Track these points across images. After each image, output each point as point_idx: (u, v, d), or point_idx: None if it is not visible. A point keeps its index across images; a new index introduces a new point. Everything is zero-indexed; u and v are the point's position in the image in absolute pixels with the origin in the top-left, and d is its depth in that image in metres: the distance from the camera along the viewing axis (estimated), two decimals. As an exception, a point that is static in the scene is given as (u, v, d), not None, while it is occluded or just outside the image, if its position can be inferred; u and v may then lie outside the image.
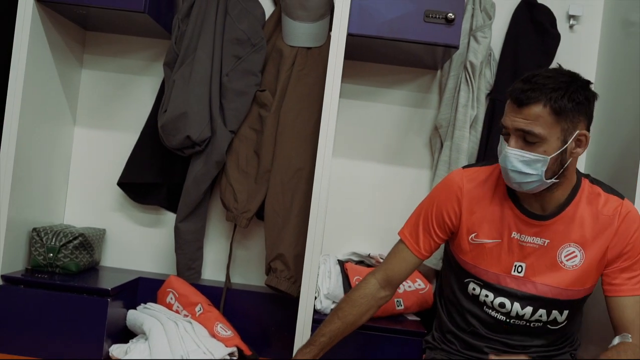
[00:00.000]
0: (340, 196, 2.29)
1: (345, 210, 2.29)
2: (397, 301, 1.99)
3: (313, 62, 2.11)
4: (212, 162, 2.08)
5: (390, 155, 2.30)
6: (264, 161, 2.10)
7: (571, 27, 2.28)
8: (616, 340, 1.47)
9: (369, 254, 2.12)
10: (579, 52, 2.28)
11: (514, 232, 1.52)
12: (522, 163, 1.40)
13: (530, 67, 2.09)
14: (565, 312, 1.56)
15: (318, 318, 1.78)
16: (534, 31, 2.17)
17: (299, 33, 2.12)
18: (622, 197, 1.53)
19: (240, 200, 2.10)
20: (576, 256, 1.50)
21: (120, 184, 2.23)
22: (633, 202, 1.79)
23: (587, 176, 1.56)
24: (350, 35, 1.89)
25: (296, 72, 2.10)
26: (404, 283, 2.01)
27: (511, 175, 1.42)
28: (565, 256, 1.51)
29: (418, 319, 2.02)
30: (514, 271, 1.53)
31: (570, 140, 1.40)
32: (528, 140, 1.38)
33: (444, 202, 1.59)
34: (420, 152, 2.29)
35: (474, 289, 1.59)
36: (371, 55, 2.21)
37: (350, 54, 2.18)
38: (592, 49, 2.28)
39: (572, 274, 1.51)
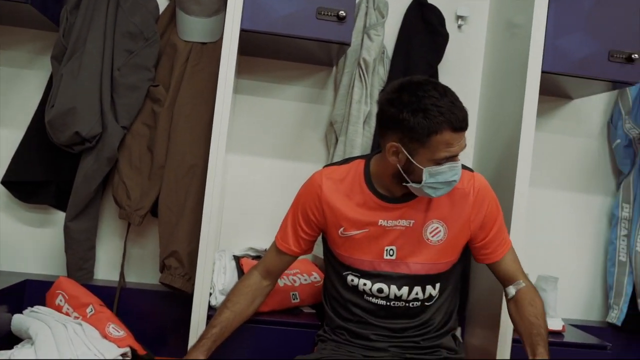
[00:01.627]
0: (238, 192, 2.30)
1: (242, 206, 2.30)
2: (293, 294, 2.02)
3: (208, 57, 2.10)
4: (103, 159, 2.04)
5: (286, 151, 2.33)
6: (158, 157, 2.07)
7: (459, 27, 2.39)
8: (512, 290, 1.65)
9: (265, 249, 2.12)
10: (466, 52, 2.40)
11: (380, 220, 1.60)
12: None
13: (421, 65, 2.23)
14: (438, 285, 1.65)
15: (213, 314, 1.77)
16: (424, 30, 2.26)
17: (194, 28, 2.10)
18: (472, 171, 1.66)
19: (133, 198, 2.07)
20: (440, 231, 1.61)
21: (5, 182, 2.14)
22: (512, 191, 1.92)
23: None
24: (243, 31, 1.90)
25: (190, 67, 2.09)
26: (299, 276, 2.06)
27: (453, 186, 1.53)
28: (430, 232, 1.60)
29: (313, 311, 2.06)
30: (386, 255, 1.61)
31: None
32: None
33: (307, 202, 1.67)
34: (316, 148, 2.33)
35: (352, 280, 1.65)
36: (267, 52, 2.23)
37: (246, 49, 2.20)
38: (479, 48, 2.41)
39: (439, 248, 1.61)
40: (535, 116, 1.93)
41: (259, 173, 2.32)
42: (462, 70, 2.39)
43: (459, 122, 1.44)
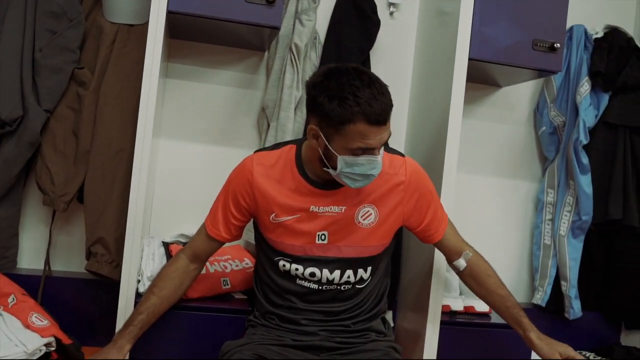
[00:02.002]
0: (168, 178, 2.27)
1: (173, 192, 2.27)
2: (224, 280, 2.01)
3: (135, 40, 2.06)
4: (25, 143, 1.97)
5: (218, 136, 2.31)
6: (83, 142, 2.02)
7: (391, 14, 2.41)
8: (462, 262, 1.76)
9: (196, 236, 2.11)
10: (398, 38, 2.42)
11: (312, 206, 1.61)
12: (381, 164, 1.52)
13: (353, 51, 2.24)
14: (369, 269, 1.68)
15: (141, 301, 1.76)
16: (356, 16, 2.27)
17: (120, 9, 2.06)
18: (403, 156, 1.68)
19: (57, 183, 2.01)
20: (371, 214, 1.62)
21: None
22: (440, 176, 1.96)
23: None
24: (170, 13, 1.86)
25: (117, 49, 2.05)
26: (230, 262, 2.05)
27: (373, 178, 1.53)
28: (361, 216, 1.62)
29: (245, 297, 2.06)
30: (318, 240, 1.62)
31: None
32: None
33: (238, 187, 1.66)
34: (249, 133, 2.32)
35: (284, 265, 1.66)
36: (198, 35, 2.20)
37: (176, 33, 2.17)
38: (410, 35, 2.43)
39: (370, 231, 1.63)
40: (463, 102, 1.97)
41: (191, 158, 2.29)
42: (394, 56, 2.41)
43: (375, 115, 1.41)
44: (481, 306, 2.19)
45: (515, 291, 2.56)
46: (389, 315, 2.09)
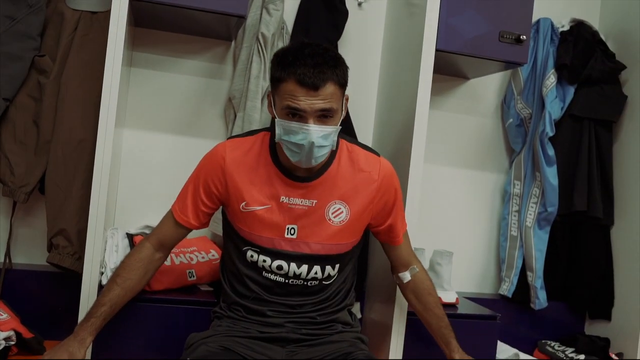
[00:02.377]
0: (133, 168, 2.24)
1: (138, 182, 2.25)
2: (190, 272, 1.99)
3: (99, 27, 2.03)
4: (-18, 133, 1.93)
5: (185, 127, 2.29)
6: (44, 131, 1.98)
7: (359, 4, 2.41)
8: (407, 276, 1.78)
9: (162, 227, 2.09)
10: (367, 29, 2.43)
11: (282, 197, 1.59)
12: (322, 138, 1.48)
13: (321, 41, 2.19)
14: (337, 266, 1.68)
15: (104, 294, 1.73)
16: (324, 7, 2.26)
17: (82, -5, 2.02)
18: (377, 155, 1.69)
19: (17, 174, 1.97)
20: (342, 212, 1.61)
21: None
22: (408, 167, 1.96)
23: (343, 136, 1.68)
24: (133, 0, 1.83)
25: (79, 37, 2.01)
26: (196, 254, 2.03)
27: (315, 151, 1.49)
28: (332, 213, 1.61)
29: (211, 289, 2.04)
30: (287, 234, 1.61)
31: (343, 105, 1.55)
32: (325, 116, 1.48)
33: (209, 173, 1.63)
34: (215, 123, 2.30)
35: (252, 256, 1.64)
36: (163, 24, 2.17)
37: (141, 21, 2.14)
38: (378, 26, 2.44)
39: (340, 229, 1.62)
40: (430, 94, 1.97)
41: (156, 149, 2.27)
42: (362, 47, 2.41)
43: (306, 77, 1.43)
44: (448, 297, 2.21)
45: (481, 282, 2.62)
46: (356, 307, 2.09)
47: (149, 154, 2.26)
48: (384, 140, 2.30)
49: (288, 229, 1.60)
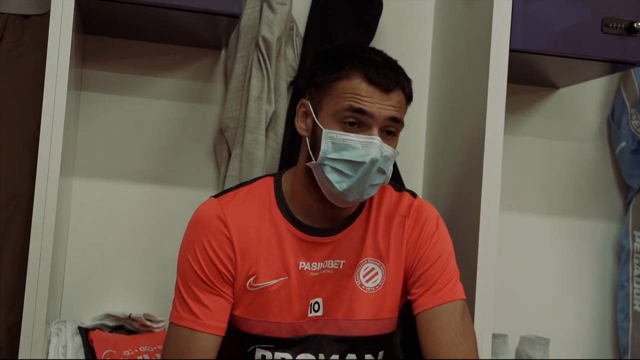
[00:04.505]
0: (86, 233, 2.23)
1: (93, 253, 2.24)
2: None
3: (33, 36, 2.03)
4: None
5: (158, 172, 2.29)
6: (-38, 186, 1.99)
7: (399, -8, 2.42)
8: None
9: (129, 315, 2.07)
10: (409, 26, 2.44)
11: (301, 262, 1.57)
12: (384, 160, 1.50)
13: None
14: (381, 353, 1.64)
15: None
16: (349, -3, 2.27)
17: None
18: (414, 195, 1.71)
19: None
20: (377, 273, 1.61)
21: None
22: (477, 218, 1.92)
23: None
24: (81, -2, 1.85)
25: (6, 52, 2.02)
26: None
27: (372, 175, 1.48)
28: (364, 276, 1.61)
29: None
30: (311, 311, 1.59)
31: None
32: (390, 131, 1.52)
33: (211, 246, 1.56)
34: (202, 165, 2.30)
35: (263, 357, 1.60)
36: (125, 29, 2.19)
37: (93, 26, 2.16)
38: (425, 22, 2.46)
39: (377, 298, 1.61)
40: (504, 112, 1.95)
41: (118, 204, 2.26)
42: (404, 51, 2.32)
43: (378, 74, 1.48)
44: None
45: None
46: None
47: (108, 212, 2.25)
48: (438, 180, 2.28)
49: (312, 304, 1.59)
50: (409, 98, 1.56)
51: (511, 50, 1.97)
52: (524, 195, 2.53)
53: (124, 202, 2.27)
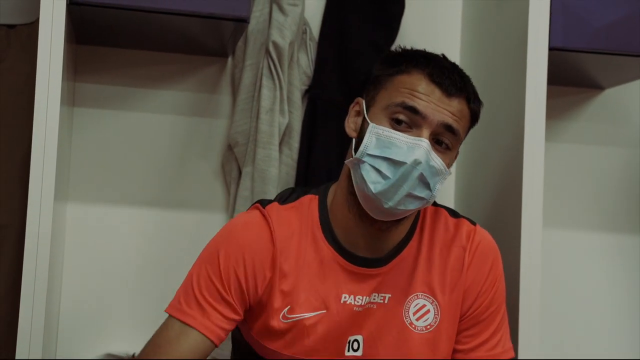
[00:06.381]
0: (82, 264, 2.23)
1: (91, 286, 2.24)
2: None
3: (20, 48, 2.06)
4: None
5: (159, 194, 2.29)
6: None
7: (425, -10, 2.42)
8: None
9: (133, 355, 2.06)
10: (434, 25, 2.44)
11: (344, 295, 1.55)
12: (430, 169, 1.46)
13: (366, 49, 2.24)
14: None
15: None
16: (367, -4, 2.27)
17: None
18: (473, 223, 1.67)
19: None
20: (429, 311, 1.58)
21: None
22: (517, 236, 1.91)
23: None
24: (73, 4, 1.84)
25: (-8, 65, 2.05)
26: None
27: (412, 183, 1.44)
28: (414, 314, 1.58)
29: None
30: (349, 350, 1.57)
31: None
32: (442, 141, 1.49)
33: (249, 255, 1.53)
34: (209, 186, 2.30)
35: None
36: (121, 38, 2.21)
37: (87, 35, 2.17)
38: (453, 19, 2.46)
39: (429, 340, 1.58)
40: (544, 116, 1.94)
41: (117, 232, 2.27)
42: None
43: (442, 75, 1.48)
44: None
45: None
46: None
47: (106, 240, 2.26)
48: (472, 195, 2.29)
49: (350, 342, 1.56)
50: (473, 116, 1.55)
51: (550, 49, 1.96)
52: (569, 209, 2.52)
53: (123, 229, 2.28)
